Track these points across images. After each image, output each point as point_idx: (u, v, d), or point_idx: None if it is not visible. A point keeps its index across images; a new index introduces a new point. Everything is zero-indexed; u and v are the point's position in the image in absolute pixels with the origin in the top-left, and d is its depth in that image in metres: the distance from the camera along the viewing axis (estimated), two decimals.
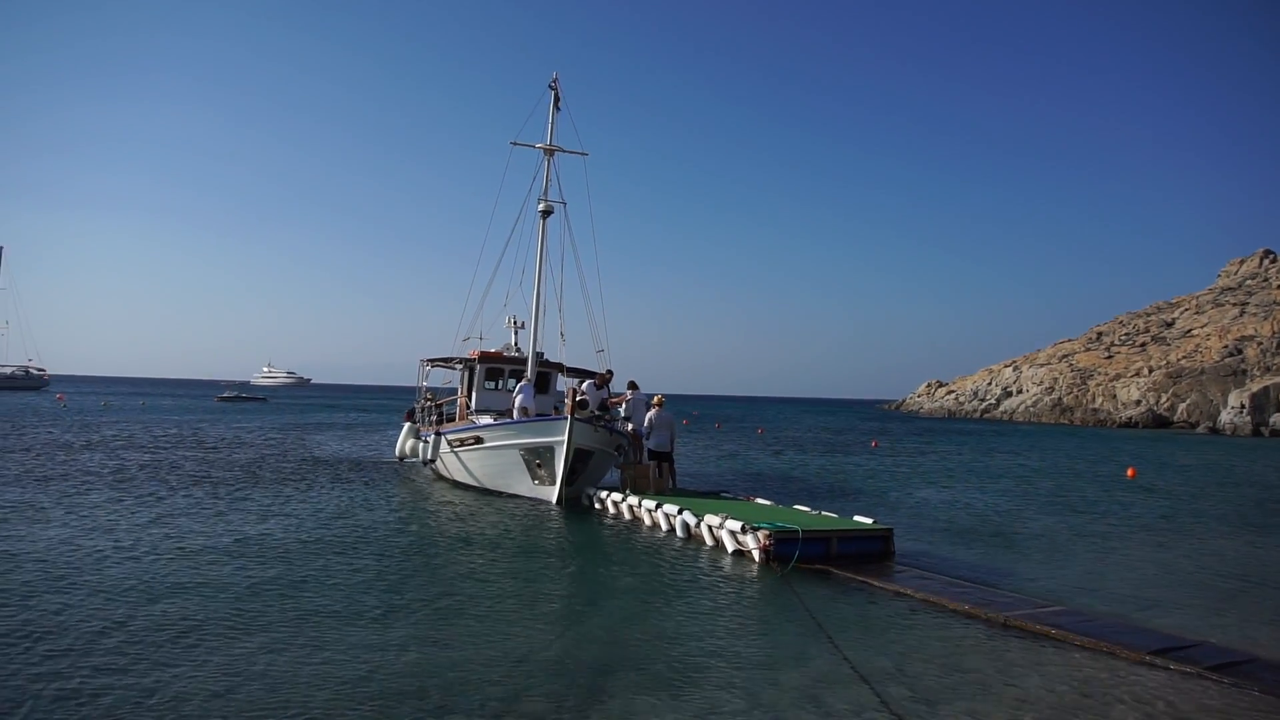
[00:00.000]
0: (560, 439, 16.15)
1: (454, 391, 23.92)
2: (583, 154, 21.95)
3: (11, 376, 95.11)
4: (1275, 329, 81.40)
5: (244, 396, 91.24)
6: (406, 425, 23.80)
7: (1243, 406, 69.24)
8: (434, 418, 22.96)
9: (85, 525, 12.65)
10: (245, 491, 17.26)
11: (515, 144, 21.84)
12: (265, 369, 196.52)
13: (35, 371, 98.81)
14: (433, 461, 20.83)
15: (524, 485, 17.37)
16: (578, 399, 16.63)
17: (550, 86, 21.44)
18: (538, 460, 16.80)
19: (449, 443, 19.42)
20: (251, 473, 20.94)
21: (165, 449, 27.12)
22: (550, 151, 21.34)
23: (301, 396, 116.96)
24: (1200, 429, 71.55)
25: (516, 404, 18.72)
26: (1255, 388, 70.79)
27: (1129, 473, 28.01)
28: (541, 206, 20.94)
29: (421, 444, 21.92)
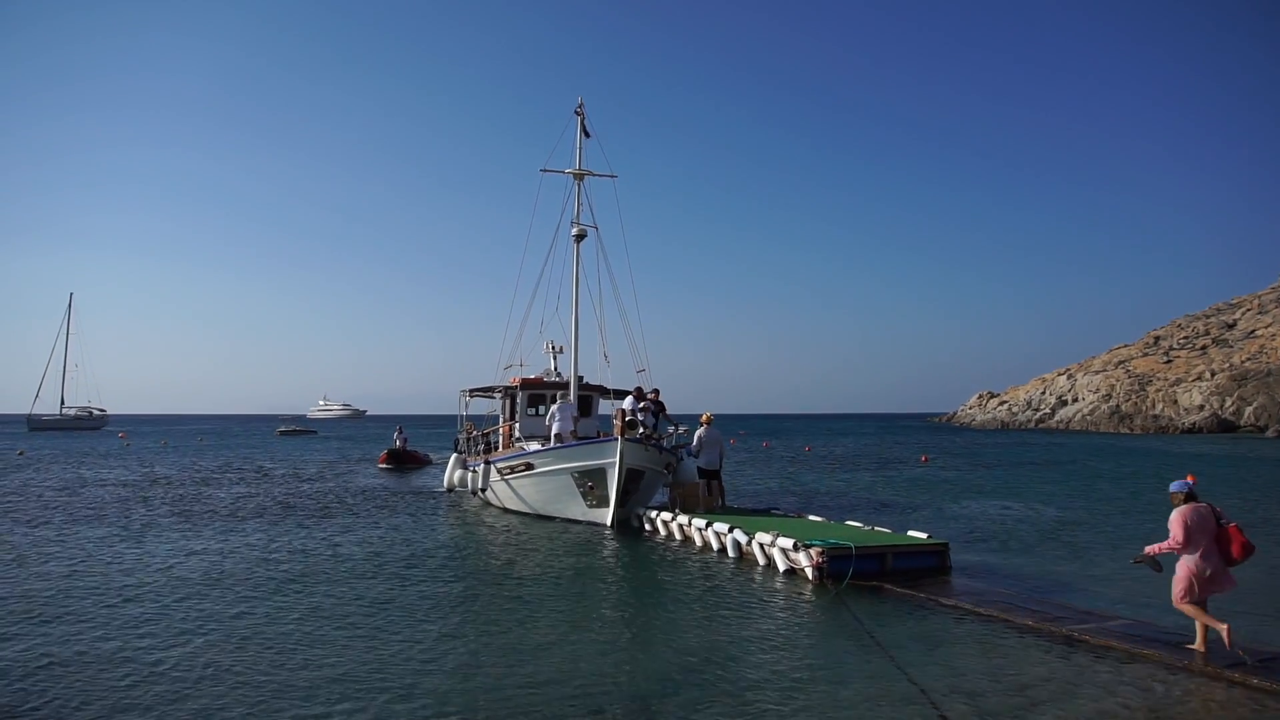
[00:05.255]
0: (612, 460, 16.19)
1: (497, 420, 24.11)
2: (612, 176, 22.19)
3: (76, 417, 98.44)
4: None
5: (299, 430, 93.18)
6: (453, 457, 23.99)
7: None
8: (481, 447, 23.17)
9: (157, 553, 13.06)
10: (304, 524, 17.63)
11: (545, 171, 22.18)
12: (321, 402, 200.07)
13: (97, 412, 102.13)
14: (483, 490, 21.01)
15: (576, 509, 17.43)
16: (627, 419, 16.66)
17: (576, 112, 21.74)
18: (590, 483, 16.85)
19: (499, 471, 19.58)
20: (307, 506, 21.36)
21: (225, 485, 27.84)
22: (580, 176, 21.60)
23: (354, 428, 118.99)
24: (1270, 432, 68.95)
25: (554, 429, 18.73)
26: None
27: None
28: (575, 231, 21.16)
29: (470, 474, 22.13)
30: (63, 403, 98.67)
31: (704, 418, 17.64)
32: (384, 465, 35.59)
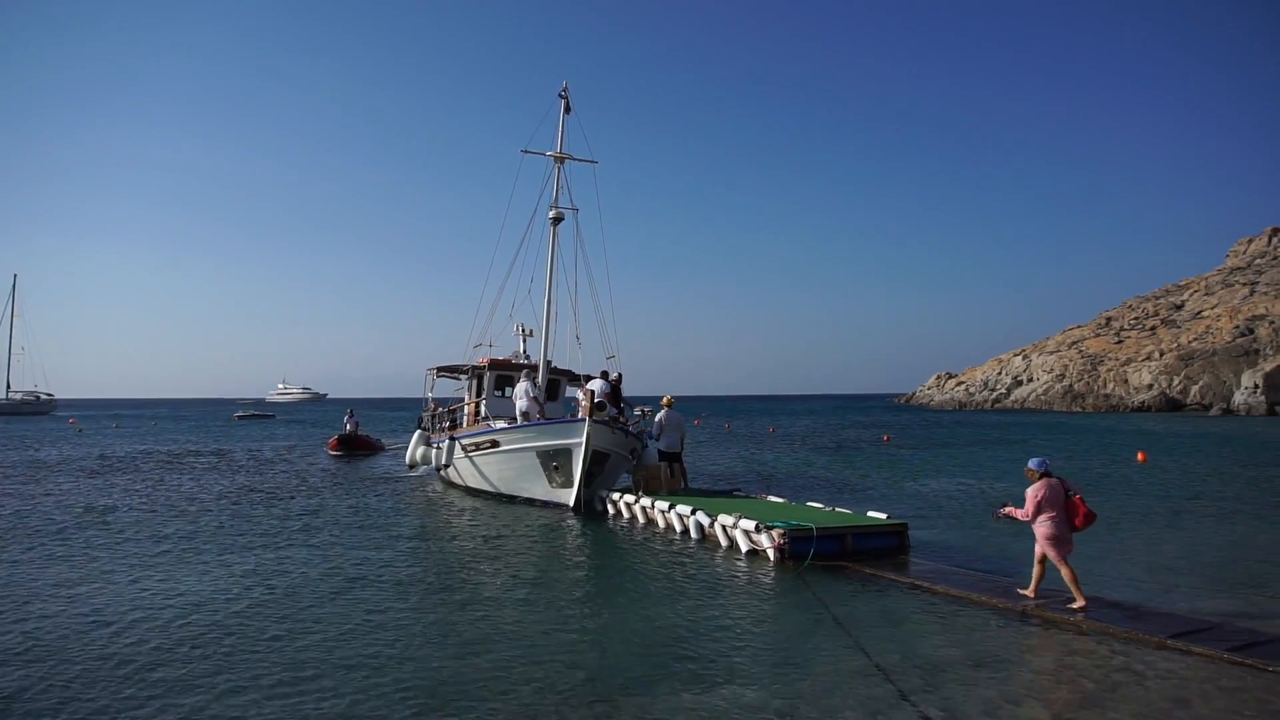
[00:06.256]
0: (578, 441, 16.16)
1: (461, 400, 23.98)
2: (592, 162, 22.11)
3: (23, 402, 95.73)
4: None
5: (258, 414, 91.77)
6: (417, 433, 23.81)
7: (1256, 386, 68.83)
8: (447, 424, 23.04)
9: (113, 550, 12.78)
10: (262, 509, 17.37)
11: (526, 152, 21.99)
12: (280, 385, 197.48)
13: (44, 397, 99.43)
14: (447, 467, 20.88)
15: (540, 489, 17.40)
16: (595, 401, 16.64)
17: (560, 95, 21.63)
18: (555, 463, 16.82)
19: (463, 447, 19.47)
20: (265, 492, 21.06)
21: (177, 470, 27.32)
22: (561, 159, 21.48)
23: (314, 412, 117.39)
24: (1214, 410, 71.10)
25: (519, 407, 18.64)
26: (1269, 367, 70.34)
27: (1139, 457, 27.84)
28: (552, 214, 21.10)
29: (434, 450, 22.00)
30: (9, 387, 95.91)
31: (665, 400, 17.69)
32: (334, 452, 33.54)
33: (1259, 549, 12.54)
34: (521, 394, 18.66)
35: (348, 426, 35.09)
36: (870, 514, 13.35)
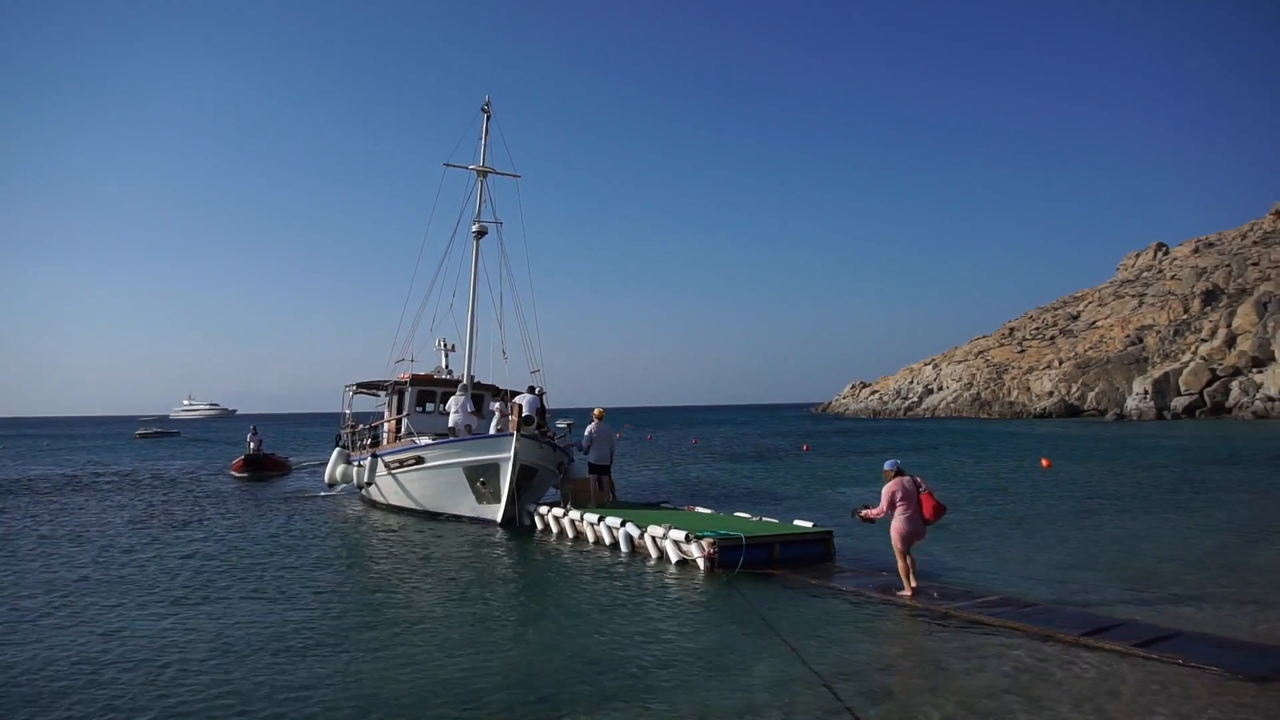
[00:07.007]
0: (506, 456, 15.99)
1: (382, 416, 23.49)
2: (515, 176, 22.15)
3: None
4: (1171, 318, 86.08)
5: (161, 432, 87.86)
6: (336, 450, 23.17)
7: (1146, 392, 72.88)
8: (368, 441, 22.53)
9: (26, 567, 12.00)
10: (174, 535, 16.60)
11: (448, 165, 21.83)
12: (186, 401, 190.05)
13: None
14: (369, 485, 20.37)
15: (466, 505, 17.12)
16: (523, 415, 16.50)
17: (483, 109, 21.65)
18: (481, 478, 16.58)
19: (386, 465, 19.03)
20: (177, 516, 20.15)
21: (69, 494, 25.89)
22: (483, 173, 21.42)
23: (222, 429, 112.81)
24: (1109, 416, 74.95)
25: (453, 420, 18.44)
26: (1156, 374, 74.61)
27: (1044, 463, 29.16)
28: (475, 228, 21.00)
29: (355, 468, 21.44)
30: None
31: (596, 413, 17.68)
32: (240, 474, 30.74)
33: (1155, 545, 13.28)
34: (459, 408, 18.45)
35: (251, 445, 32.31)
36: (796, 522, 13.61)
